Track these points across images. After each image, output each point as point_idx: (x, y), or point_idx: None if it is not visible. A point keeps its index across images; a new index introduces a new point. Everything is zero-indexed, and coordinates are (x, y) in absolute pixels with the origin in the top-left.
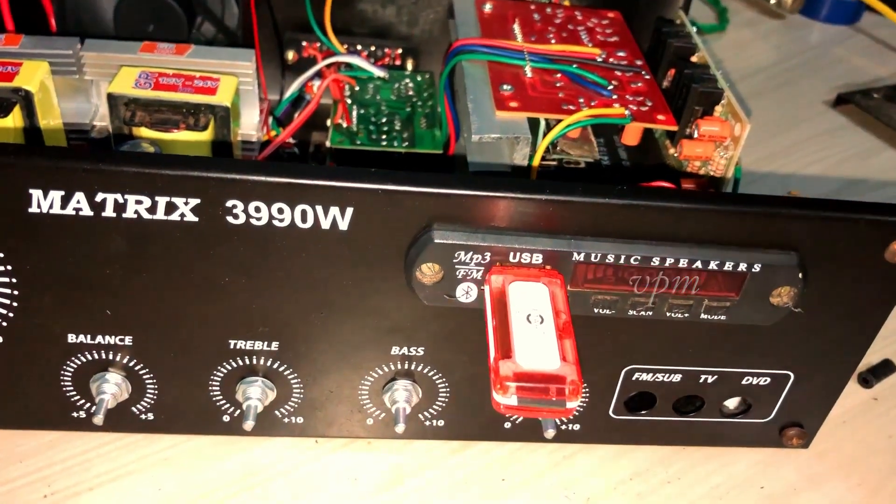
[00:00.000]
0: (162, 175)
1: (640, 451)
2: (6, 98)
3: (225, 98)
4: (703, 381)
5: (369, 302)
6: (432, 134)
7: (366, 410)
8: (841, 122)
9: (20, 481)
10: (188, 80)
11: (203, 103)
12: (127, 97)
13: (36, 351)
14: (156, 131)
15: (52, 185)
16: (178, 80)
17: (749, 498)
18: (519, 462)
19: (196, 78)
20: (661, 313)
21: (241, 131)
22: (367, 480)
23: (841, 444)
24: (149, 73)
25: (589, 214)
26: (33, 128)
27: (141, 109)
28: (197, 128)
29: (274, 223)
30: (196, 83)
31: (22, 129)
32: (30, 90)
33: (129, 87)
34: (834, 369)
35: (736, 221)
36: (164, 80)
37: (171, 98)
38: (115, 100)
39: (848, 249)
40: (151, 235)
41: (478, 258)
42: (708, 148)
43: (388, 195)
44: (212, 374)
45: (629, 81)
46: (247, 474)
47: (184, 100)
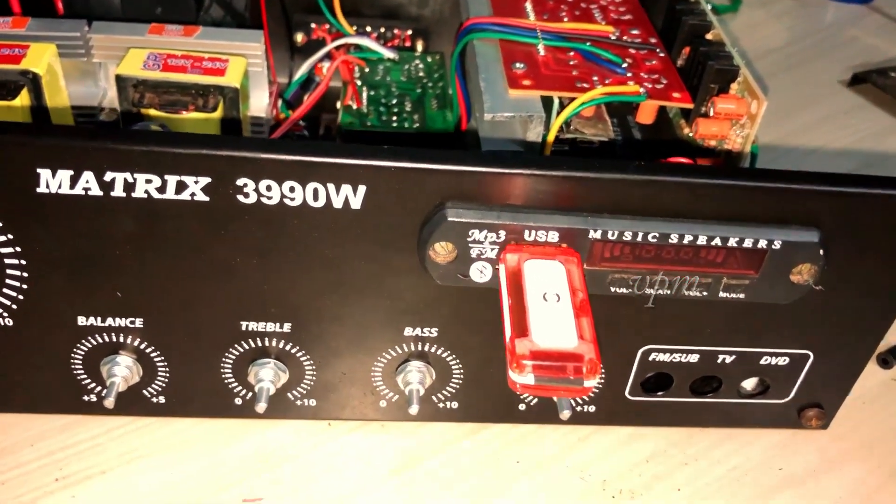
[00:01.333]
0: (172, 154)
1: (656, 433)
2: (14, 80)
3: (234, 79)
4: (720, 362)
5: (382, 282)
6: (443, 115)
7: (379, 393)
8: (857, 102)
9: (32, 465)
10: (197, 62)
11: (212, 84)
12: (136, 79)
13: (46, 334)
14: (165, 113)
15: (61, 165)
16: (186, 62)
17: (767, 480)
18: (533, 444)
19: (205, 59)
20: (679, 292)
21: (250, 113)
22: (381, 463)
23: (860, 426)
24: (157, 54)
25: (606, 191)
26: (41, 110)
27: (150, 91)
28: (206, 109)
29: (285, 202)
30: (205, 64)
31: (30, 112)
32: (37, 72)
33: (138, 68)
34: (854, 349)
35: (756, 197)
36: (172, 61)
37: (179, 79)
38: (124, 81)
39: (871, 225)
40: (162, 215)
41: (492, 237)
42: (724, 126)
43: (401, 173)
44: (224, 356)
45: (643, 59)
46: (259, 457)
47: (193, 81)
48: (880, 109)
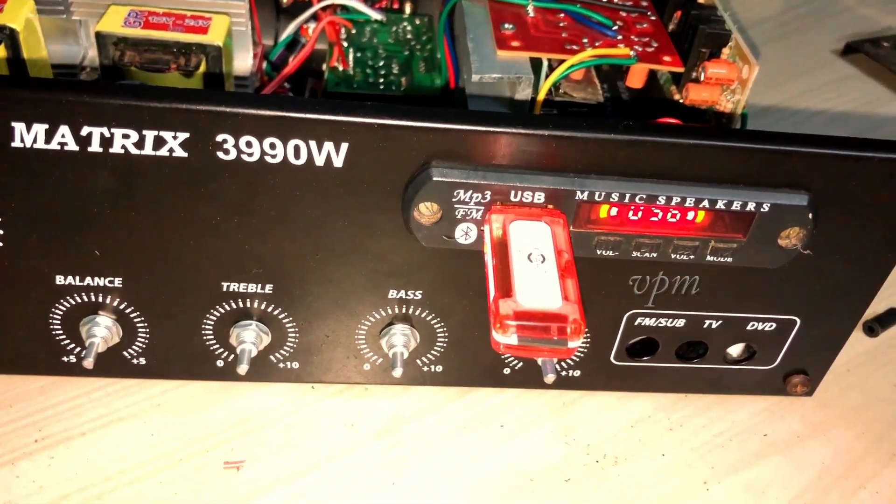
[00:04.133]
0: (149, 108)
1: (641, 398)
2: None
3: (217, 37)
4: (707, 327)
5: (366, 243)
6: (431, 77)
7: (363, 356)
8: (849, 72)
9: (10, 426)
10: (179, 19)
11: (194, 43)
12: (116, 36)
13: (23, 293)
14: (146, 71)
15: (36, 118)
16: (168, 19)
17: (752, 446)
18: (518, 408)
19: (187, 17)
20: (666, 255)
21: (233, 72)
22: (365, 426)
23: (845, 393)
24: (138, 11)
25: (593, 151)
26: (19, 66)
27: (130, 49)
28: (188, 68)
29: (266, 159)
30: (187, 22)
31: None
32: (14, 28)
33: (119, 25)
34: (841, 315)
35: (745, 159)
36: (154, 18)
37: (161, 37)
38: (104, 39)
39: (861, 189)
40: (140, 171)
41: (478, 197)
42: (714, 92)
43: (385, 130)
44: (205, 317)
45: (634, 22)
46: (242, 420)
47: (175, 39)
48: (872, 79)
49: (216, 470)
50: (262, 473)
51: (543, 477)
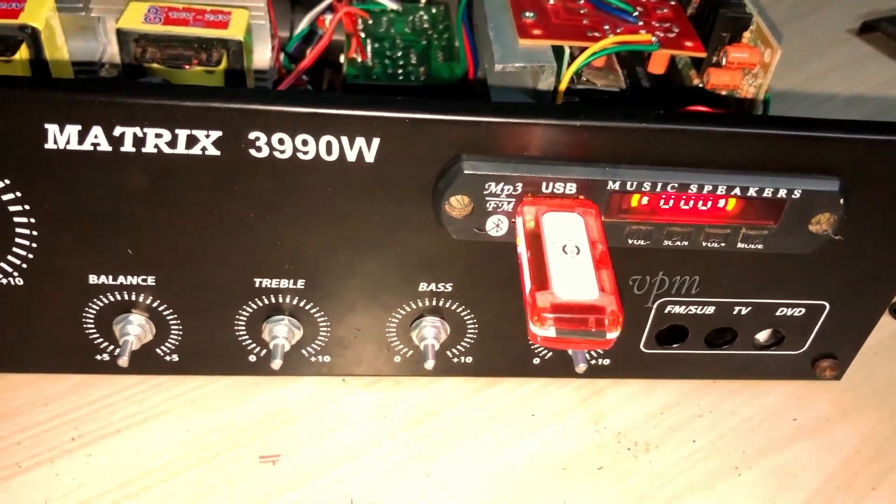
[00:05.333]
0: (182, 107)
1: (670, 385)
2: (12, 36)
3: (237, 32)
4: (736, 313)
5: (397, 237)
6: (450, 67)
7: (393, 348)
8: (867, 51)
9: (47, 425)
10: (199, 14)
11: (215, 38)
12: (137, 33)
13: (57, 293)
14: (168, 67)
15: (69, 120)
16: (188, 14)
17: (781, 430)
18: (548, 397)
19: (207, 12)
20: (697, 243)
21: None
22: (397, 417)
23: (873, 376)
24: (158, 7)
25: (624, 141)
26: (41, 66)
27: (152, 45)
28: (210, 63)
29: (298, 156)
30: (207, 17)
31: (29, 68)
32: (36, 27)
33: (139, 22)
34: (870, 299)
35: (775, 145)
36: (174, 14)
37: (182, 33)
38: (125, 35)
39: (891, 173)
40: (173, 170)
41: (509, 189)
42: (736, 76)
43: (416, 124)
44: (237, 313)
45: (654, 7)
46: (275, 414)
47: (195, 34)
48: (890, 58)
49: (252, 464)
50: (296, 466)
51: (576, 465)
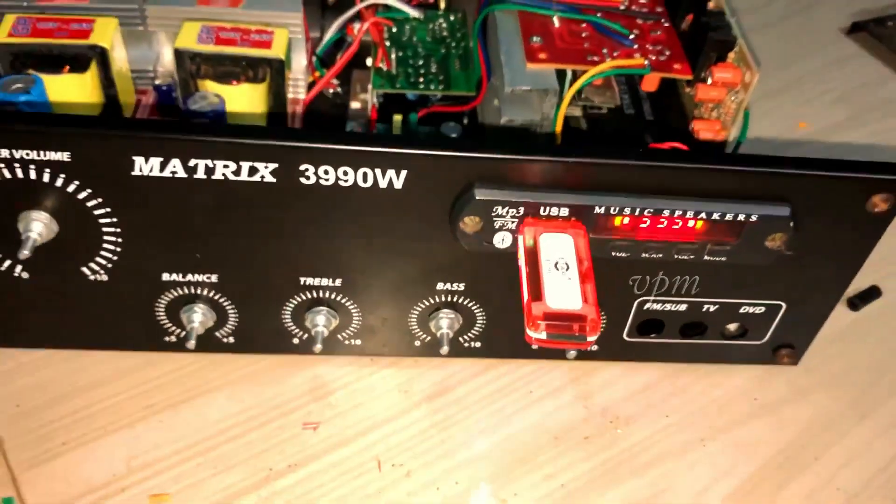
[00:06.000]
0: (246, 144)
1: (649, 368)
2: (83, 54)
3: (279, 51)
4: (705, 310)
5: (419, 246)
6: (465, 75)
7: (414, 334)
8: (853, 51)
9: (123, 395)
10: (245, 34)
11: (260, 57)
12: (192, 52)
13: (134, 287)
14: (220, 83)
15: (153, 154)
16: (236, 34)
17: (744, 408)
18: (544, 377)
19: (252, 32)
20: (670, 255)
21: (290, 74)
22: (417, 390)
23: (828, 361)
24: (209, 27)
25: (608, 174)
26: (108, 79)
27: (205, 63)
28: (256, 80)
29: (339, 183)
30: (253, 37)
31: (98, 82)
32: (105, 46)
33: (194, 42)
34: (820, 300)
35: (736, 179)
36: (223, 34)
37: (231, 52)
38: (182, 55)
39: (834, 201)
40: (236, 193)
41: (513, 211)
42: (721, 92)
43: (437, 159)
44: (284, 304)
45: (650, 30)
46: (314, 387)
47: (243, 54)
48: (875, 58)
49: (296, 430)
50: (333, 432)
51: (565, 435)
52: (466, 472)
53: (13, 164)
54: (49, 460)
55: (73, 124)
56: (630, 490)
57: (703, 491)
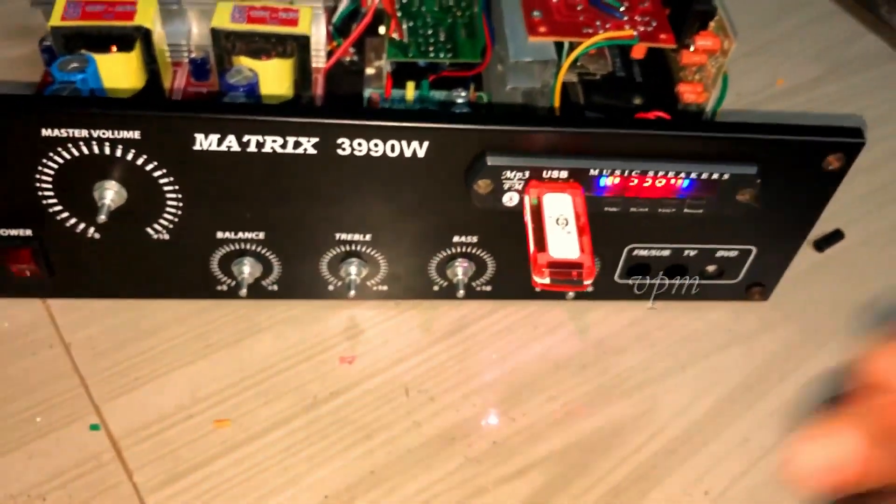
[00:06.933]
0: (291, 122)
1: (637, 306)
2: (129, 34)
3: (305, 28)
4: (686, 255)
5: (439, 206)
6: (471, 43)
7: (434, 280)
8: (830, 9)
9: (184, 336)
10: (273, 13)
11: (288, 34)
12: (227, 31)
13: (193, 244)
14: (251, 59)
15: (211, 131)
16: (265, 13)
17: (720, 339)
18: (547, 314)
19: (280, 10)
20: (655, 209)
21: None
22: (437, 328)
23: (793, 298)
24: (241, 7)
25: (601, 141)
26: (150, 56)
27: (239, 41)
28: (285, 55)
29: (371, 153)
30: (280, 15)
31: (142, 59)
32: (148, 28)
33: (228, 21)
34: (786, 245)
35: (710, 144)
36: (254, 13)
37: (262, 30)
38: (218, 34)
39: (795, 161)
40: (283, 164)
41: (519, 175)
42: (702, 57)
43: (455, 132)
44: (321, 256)
45: (639, 1)
46: (348, 327)
47: (273, 31)
48: (850, 15)
49: (334, 364)
50: (366, 365)
51: (566, 364)
52: (481, 396)
53: (91, 142)
54: (125, 393)
55: (143, 108)
56: (620, 408)
57: (683, 409)
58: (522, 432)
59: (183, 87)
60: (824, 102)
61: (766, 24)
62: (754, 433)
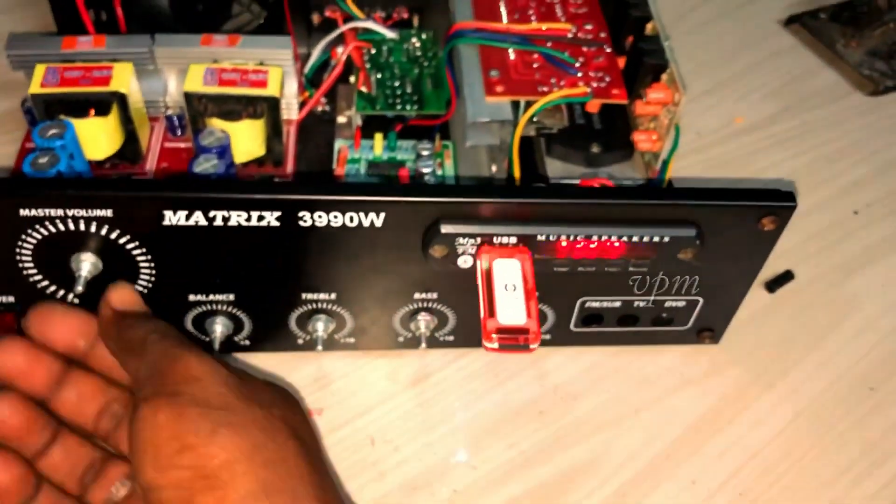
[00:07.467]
0: (255, 199)
1: (593, 351)
2: (105, 99)
3: (274, 90)
4: (636, 306)
5: (397, 268)
6: (437, 95)
7: (398, 332)
8: (790, 43)
9: None
10: (244, 75)
11: (258, 96)
12: (199, 94)
13: (167, 306)
14: (224, 120)
15: (179, 208)
16: (236, 75)
17: (672, 381)
18: (507, 361)
19: (250, 71)
20: (601, 268)
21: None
22: (402, 378)
23: (744, 340)
24: (213, 69)
25: (547, 209)
26: (127, 118)
27: (211, 103)
28: (255, 116)
29: (331, 224)
30: (251, 77)
31: (119, 121)
32: (124, 92)
33: (200, 84)
34: (731, 294)
35: (650, 209)
36: (225, 75)
37: (233, 92)
38: (191, 97)
39: (731, 223)
40: (248, 235)
41: (472, 241)
42: (655, 108)
43: (410, 204)
44: (290, 313)
45: (593, 56)
46: (317, 378)
47: (243, 93)
48: (808, 51)
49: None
50: (334, 416)
51: (525, 409)
52: (444, 444)
53: (67, 219)
54: None
55: (114, 188)
56: (576, 453)
57: (635, 452)
58: (483, 479)
59: (160, 144)
60: (782, 139)
61: (725, 61)
62: (700, 476)
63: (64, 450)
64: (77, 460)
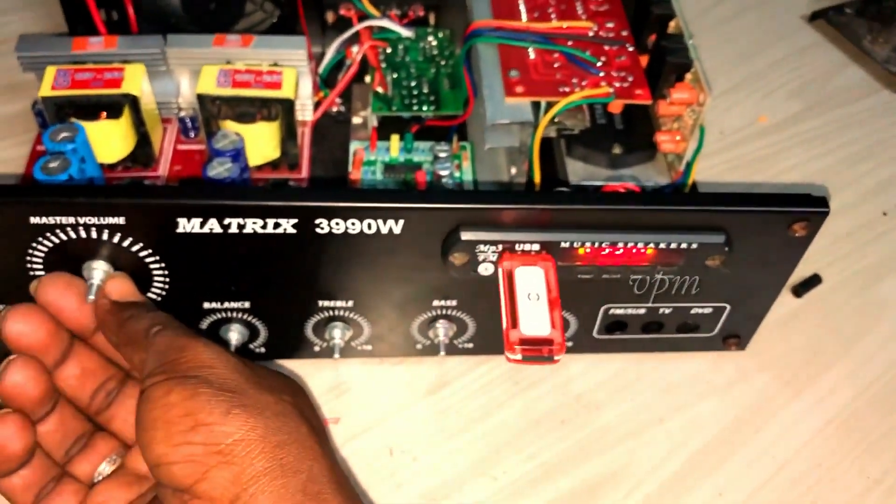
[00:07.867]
0: (271, 206)
1: (616, 358)
2: (117, 101)
3: (289, 91)
4: (661, 313)
5: (416, 275)
6: (454, 95)
7: (417, 340)
8: (814, 39)
9: None
10: (258, 76)
11: (273, 98)
12: (213, 96)
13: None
14: (239, 122)
15: (193, 215)
16: (250, 76)
17: (697, 390)
18: (527, 369)
19: (264, 73)
20: (626, 276)
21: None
22: (420, 386)
23: (771, 346)
24: (226, 71)
25: (570, 215)
26: (139, 120)
27: (225, 105)
28: (269, 118)
29: (349, 231)
30: (265, 78)
31: (131, 123)
32: (135, 95)
33: (213, 86)
34: (759, 301)
35: (678, 215)
36: (239, 77)
37: (247, 94)
38: (204, 99)
39: (761, 229)
40: (265, 242)
41: (493, 248)
42: (679, 108)
43: (430, 210)
44: (306, 321)
45: (615, 55)
46: (334, 385)
47: (257, 95)
48: (833, 47)
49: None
50: (352, 424)
51: (546, 419)
52: (463, 455)
53: (78, 227)
54: None
55: (127, 195)
56: (598, 464)
57: (660, 463)
58: (503, 491)
59: (173, 146)
60: (807, 138)
61: (748, 57)
62: (727, 487)
63: (59, 420)
64: (68, 431)
